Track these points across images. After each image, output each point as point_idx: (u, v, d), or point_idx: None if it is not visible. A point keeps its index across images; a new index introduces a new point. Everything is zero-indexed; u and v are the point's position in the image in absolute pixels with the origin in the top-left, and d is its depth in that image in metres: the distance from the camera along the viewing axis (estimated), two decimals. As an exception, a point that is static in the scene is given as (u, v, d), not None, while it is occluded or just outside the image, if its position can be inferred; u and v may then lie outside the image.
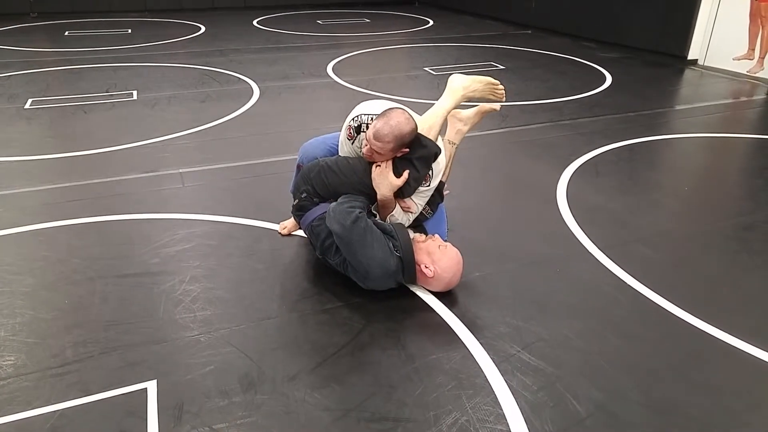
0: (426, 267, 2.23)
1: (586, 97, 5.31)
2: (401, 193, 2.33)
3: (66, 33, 8.26)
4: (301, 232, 2.77)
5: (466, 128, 2.68)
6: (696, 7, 6.40)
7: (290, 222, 2.80)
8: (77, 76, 5.85)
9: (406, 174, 2.25)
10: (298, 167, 2.64)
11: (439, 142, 2.41)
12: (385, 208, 2.37)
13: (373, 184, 2.30)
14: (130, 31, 8.49)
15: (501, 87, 2.58)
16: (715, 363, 2.02)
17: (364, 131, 2.35)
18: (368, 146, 2.25)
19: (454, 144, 2.65)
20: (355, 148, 2.43)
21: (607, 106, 5.03)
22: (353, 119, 2.39)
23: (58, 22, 9.10)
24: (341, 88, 5.50)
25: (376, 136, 2.19)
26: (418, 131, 2.29)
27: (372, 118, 2.31)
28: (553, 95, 5.32)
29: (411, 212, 2.41)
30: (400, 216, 2.41)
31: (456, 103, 2.46)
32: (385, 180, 2.27)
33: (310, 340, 2.09)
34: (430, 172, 2.35)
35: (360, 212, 2.18)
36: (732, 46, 6.27)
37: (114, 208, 3.04)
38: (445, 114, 2.43)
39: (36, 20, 9.28)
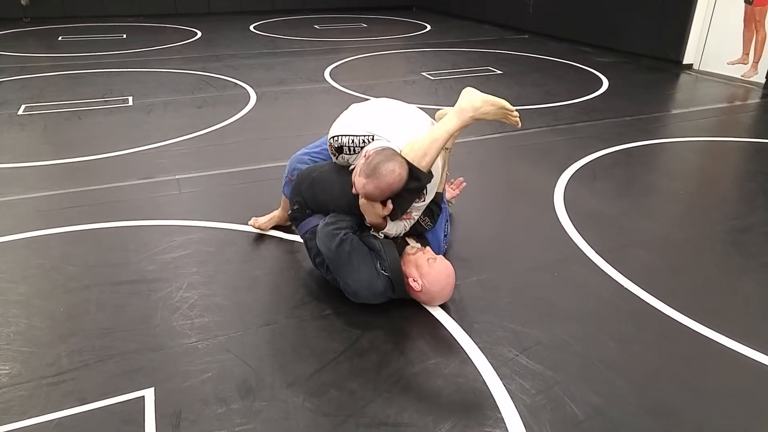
0: (414, 281, 2.19)
1: (583, 101, 5.33)
2: (390, 218, 2.26)
3: (59, 38, 8.25)
4: (292, 237, 2.77)
5: (457, 132, 2.61)
6: (691, 12, 6.44)
7: (264, 219, 2.83)
8: (71, 81, 5.84)
9: (390, 205, 2.16)
10: (289, 179, 2.60)
11: (436, 170, 2.28)
12: (377, 228, 2.31)
13: (362, 212, 2.21)
14: (125, 36, 8.48)
15: (516, 113, 2.29)
16: (713, 366, 2.02)
17: (346, 153, 2.25)
18: (356, 192, 2.15)
19: (448, 149, 2.53)
20: (341, 161, 2.33)
21: (604, 110, 5.05)
22: (333, 138, 2.27)
23: (51, 27, 9.09)
24: (338, 93, 5.50)
25: (368, 196, 2.11)
26: (412, 159, 2.14)
27: (353, 141, 2.20)
28: (550, 100, 5.34)
29: (407, 222, 2.35)
30: (393, 230, 2.33)
31: (463, 125, 2.23)
32: (371, 210, 2.18)
33: (309, 347, 2.08)
34: (425, 190, 2.26)
35: (344, 234, 2.14)
36: (726, 50, 6.32)
37: (110, 214, 3.03)
38: (447, 137, 2.19)
39: (29, 25, 9.27)
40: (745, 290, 2.48)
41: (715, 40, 6.43)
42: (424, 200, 2.31)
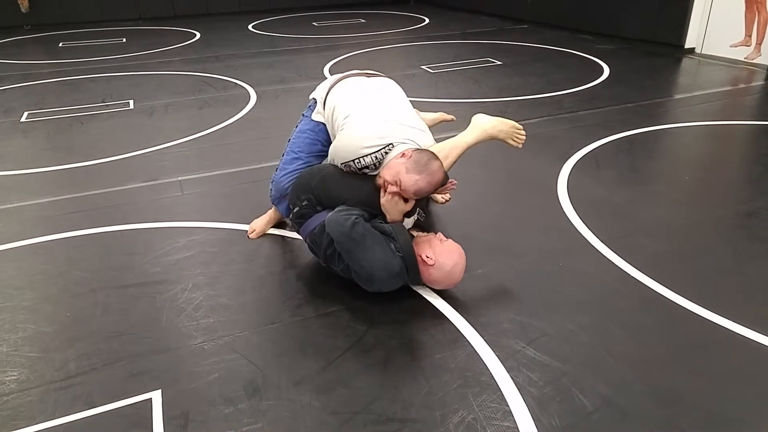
0: (427, 257, 2.22)
1: (585, 89, 5.29)
2: (407, 214, 2.33)
3: (60, 44, 8.27)
4: (294, 234, 2.77)
5: (473, 144, 2.69)
6: (691, -5, 6.37)
7: (260, 222, 2.81)
8: (73, 87, 5.85)
9: (412, 201, 2.26)
10: (281, 198, 2.61)
11: None
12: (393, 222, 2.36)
13: (383, 210, 2.26)
14: (124, 40, 8.49)
15: (523, 133, 2.51)
16: (722, 352, 2.01)
17: (371, 170, 2.27)
18: (396, 191, 2.17)
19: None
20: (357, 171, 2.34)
21: (606, 98, 5.01)
22: (355, 161, 2.24)
23: (52, 34, 9.11)
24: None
25: (418, 193, 2.18)
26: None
27: (376, 157, 2.22)
28: (551, 89, 5.31)
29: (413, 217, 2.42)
30: (408, 225, 2.42)
31: (478, 141, 2.43)
32: (395, 207, 2.24)
33: (314, 344, 2.08)
34: None
35: (356, 218, 2.16)
36: (729, 33, 6.25)
37: (113, 218, 3.04)
38: (466, 148, 2.39)
39: (30, 33, 9.30)
40: (753, 274, 2.45)
41: (716, 23, 6.36)
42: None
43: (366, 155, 2.23)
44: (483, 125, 2.45)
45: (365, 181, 2.29)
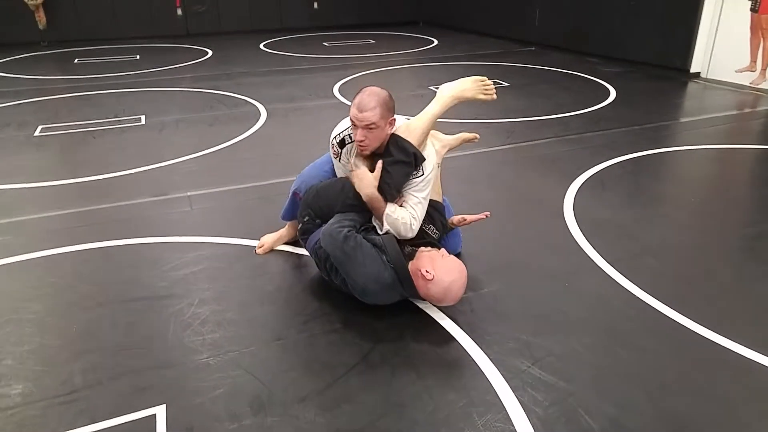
0: (427, 271, 2.20)
1: (591, 111, 5.32)
2: (385, 196, 2.28)
3: (76, 60, 8.42)
4: (302, 251, 2.78)
5: (444, 150, 2.68)
6: (697, 20, 6.43)
7: (270, 237, 2.86)
8: (86, 102, 5.94)
9: (379, 165, 2.27)
10: (294, 194, 2.66)
11: (429, 149, 2.43)
12: (377, 209, 2.30)
13: (357, 190, 2.30)
14: (138, 56, 8.64)
15: (489, 83, 2.53)
16: (727, 374, 1.99)
17: (348, 143, 2.41)
18: (359, 131, 2.24)
19: (438, 164, 2.57)
20: (344, 164, 2.45)
21: (612, 120, 5.03)
22: (334, 138, 2.44)
23: (68, 50, 9.28)
24: (348, 109, 5.52)
25: (361, 108, 2.22)
26: (398, 132, 2.33)
27: (350, 130, 2.36)
28: (558, 110, 5.34)
29: (411, 210, 2.33)
30: (395, 214, 2.28)
31: (444, 109, 2.44)
32: (364, 179, 2.27)
33: (320, 361, 2.08)
34: (420, 170, 2.34)
35: (348, 231, 2.21)
36: (734, 58, 6.29)
37: (122, 232, 3.06)
38: (431, 119, 2.40)
39: (47, 48, 9.48)
40: (759, 297, 2.44)
41: (722, 48, 6.41)
42: (421, 177, 2.33)
43: (342, 130, 2.41)
44: (445, 93, 2.47)
45: (347, 180, 2.39)
